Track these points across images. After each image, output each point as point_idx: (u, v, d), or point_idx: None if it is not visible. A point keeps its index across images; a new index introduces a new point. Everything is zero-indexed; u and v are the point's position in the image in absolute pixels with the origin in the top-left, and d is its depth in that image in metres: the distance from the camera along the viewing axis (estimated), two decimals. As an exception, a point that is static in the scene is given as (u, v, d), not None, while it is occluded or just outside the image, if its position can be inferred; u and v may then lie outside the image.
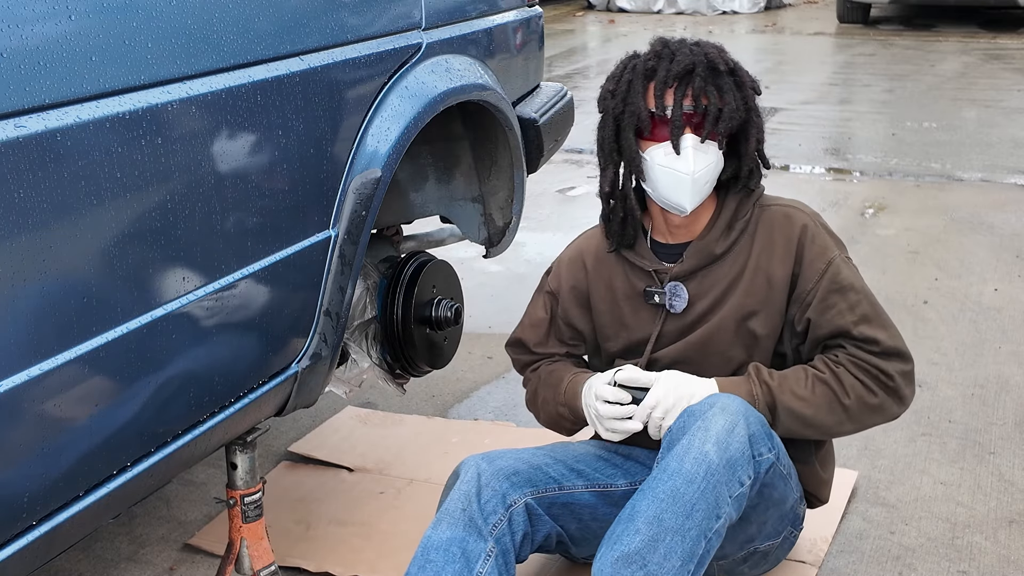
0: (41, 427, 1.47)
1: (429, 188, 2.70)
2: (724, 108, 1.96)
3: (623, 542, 1.76)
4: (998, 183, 5.39)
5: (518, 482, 1.99)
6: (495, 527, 1.92)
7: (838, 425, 2.01)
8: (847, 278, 2.03)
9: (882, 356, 2.01)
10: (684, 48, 2.00)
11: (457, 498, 1.94)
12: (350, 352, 2.40)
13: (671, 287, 2.07)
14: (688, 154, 1.96)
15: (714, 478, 1.78)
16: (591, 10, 13.40)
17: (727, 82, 1.98)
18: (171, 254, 1.64)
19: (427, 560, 1.87)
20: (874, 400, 1.99)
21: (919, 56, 9.35)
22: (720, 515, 1.80)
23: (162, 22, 1.58)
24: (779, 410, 1.98)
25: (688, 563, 1.76)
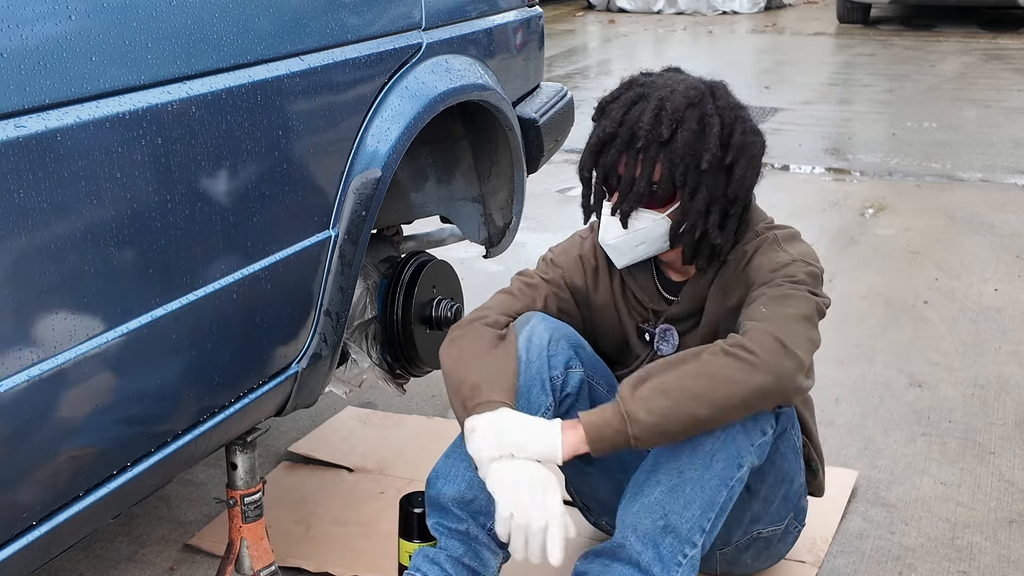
0: (41, 427, 1.47)
1: (429, 188, 2.70)
2: (636, 184, 1.87)
3: (644, 492, 1.81)
4: (998, 183, 5.39)
5: (583, 356, 2.00)
6: (553, 380, 1.93)
7: (702, 405, 1.77)
8: (787, 279, 1.89)
9: (753, 333, 1.80)
10: (622, 108, 1.89)
11: (528, 328, 1.95)
12: (350, 352, 2.40)
13: (661, 330, 2.06)
14: (604, 221, 1.95)
15: (734, 427, 1.80)
16: (591, 10, 13.39)
17: (649, 156, 1.85)
18: (171, 254, 1.64)
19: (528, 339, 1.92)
20: (729, 367, 1.76)
21: (919, 56, 9.35)
22: (742, 464, 1.82)
23: (162, 22, 1.58)
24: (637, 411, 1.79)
25: (708, 511, 1.80)
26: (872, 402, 3.06)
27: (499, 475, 1.75)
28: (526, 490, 1.73)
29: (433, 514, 1.92)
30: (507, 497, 1.74)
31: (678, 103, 1.87)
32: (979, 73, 8.50)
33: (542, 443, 1.76)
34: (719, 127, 1.87)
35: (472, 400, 1.82)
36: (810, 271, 1.91)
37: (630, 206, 1.89)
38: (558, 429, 1.77)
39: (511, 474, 1.75)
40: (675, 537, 1.79)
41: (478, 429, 1.79)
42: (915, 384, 3.17)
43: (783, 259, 1.92)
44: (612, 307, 2.10)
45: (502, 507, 1.75)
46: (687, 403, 1.75)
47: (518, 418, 1.80)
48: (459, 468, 1.89)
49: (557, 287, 2.09)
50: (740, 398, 1.76)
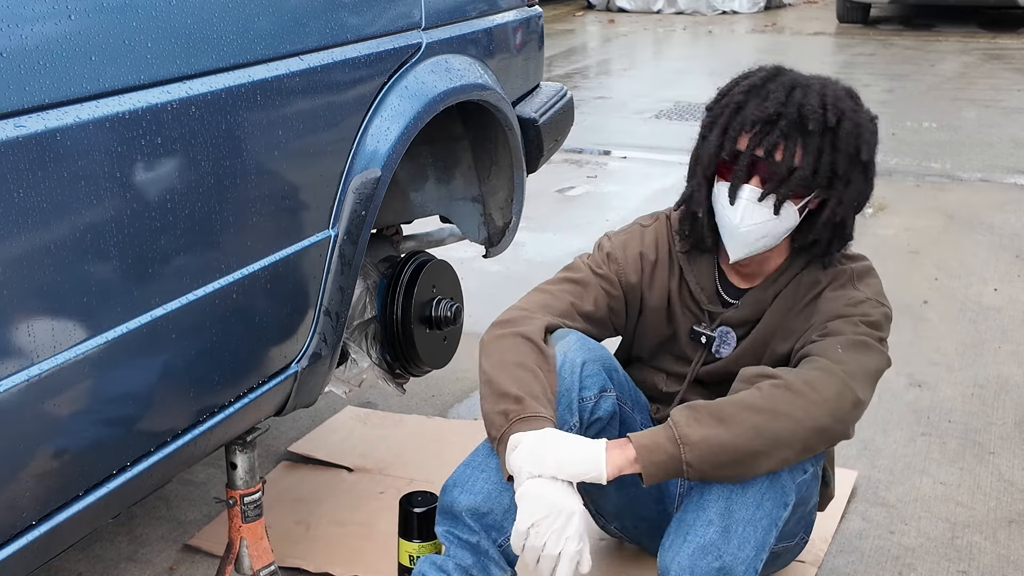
0: (41, 427, 1.47)
1: (429, 188, 2.70)
2: (798, 168, 1.81)
3: (697, 532, 1.75)
4: (998, 183, 5.39)
5: (616, 380, 1.96)
6: (583, 401, 1.88)
7: (758, 443, 1.74)
8: (860, 318, 1.88)
9: (825, 373, 1.78)
10: (780, 91, 1.84)
11: (564, 350, 1.89)
12: (350, 352, 2.40)
13: (721, 332, 2.01)
14: (740, 205, 1.85)
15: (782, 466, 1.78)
16: (591, 10, 13.39)
17: (814, 141, 1.80)
18: (171, 254, 1.64)
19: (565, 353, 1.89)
20: (793, 404, 1.74)
21: (919, 56, 9.35)
22: (787, 503, 1.81)
23: (162, 22, 1.58)
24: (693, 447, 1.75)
25: (760, 552, 1.77)
26: (872, 402, 3.05)
27: (530, 490, 1.72)
28: (549, 512, 1.70)
29: (444, 521, 1.87)
30: (529, 512, 1.71)
31: (839, 93, 1.86)
32: (979, 73, 8.50)
33: (587, 463, 1.73)
34: (870, 123, 1.88)
35: (516, 413, 1.77)
36: (883, 312, 1.92)
37: (787, 191, 1.82)
38: (603, 448, 1.74)
39: (540, 492, 1.71)
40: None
41: (523, 444, 1.74)
42: (915, 384, 3.17)
43: (858, 296, 1.91)
44: (666, 305, 2.06)
45: (521, 521, 1.72)
46: (744, 435, 1.72)
47: (563, 437, 1.75)
48: (478, 479, 1.84)
49: (609, 284, 2.04)
50: (799, 436, 1.74)
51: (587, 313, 2.01)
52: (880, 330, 1.88)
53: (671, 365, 2.10)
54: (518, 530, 1.72)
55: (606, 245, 2.09)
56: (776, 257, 1.97)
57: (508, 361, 1.85)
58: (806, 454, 1.78)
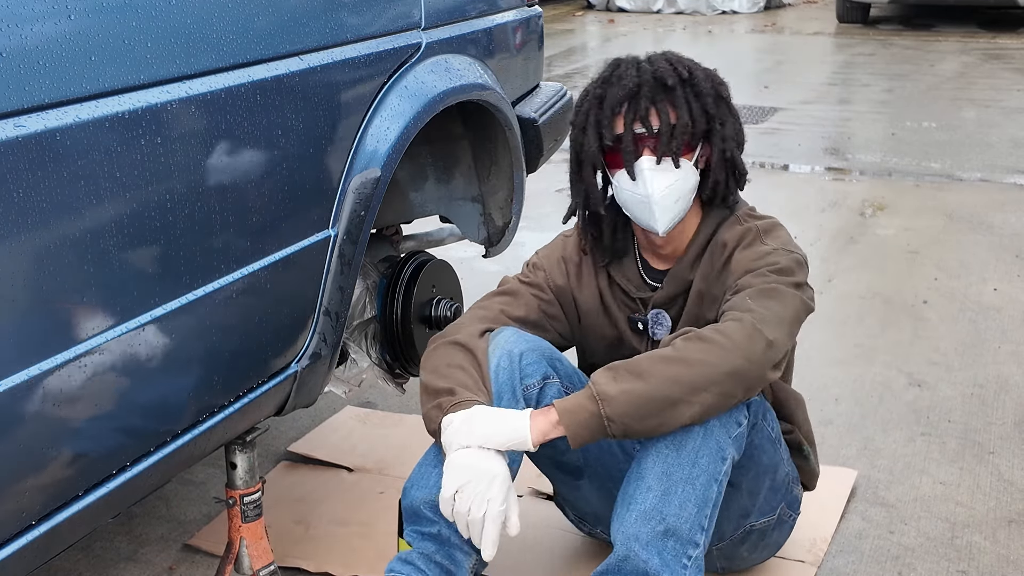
0: (41, 427, 1.47)
1: (429, 188, 2.70)
2: (677, 123, 1.92)
3: (637, 500, 1.81)
4: (998, 183, 5.39)
5: (560, 369, 2.00)
6: (527, 389, 1.94)
7: (676, 387, 1.77)
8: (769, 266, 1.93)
9: (733, 321, 1.83)
10: (631, 69, 1.95)
11: (500, 343, 1.95)
12: (349, 352, 2.40)
13: (653, 315, 2.07)
14: (644, 177, 1.93)
15: (711, 422, 1.82)
16: (591, 10, 13.39)
17: (679, 95, 1.93)
18: (170, 254, 1.64)
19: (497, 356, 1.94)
20: (703, 351, 1.78)
21: (918, 56, 9.35)
22: (725, 457, 1.83)
23: (162, 22, 1.58)
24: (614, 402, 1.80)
25: (703, 508, 1.81)
26: (871, 402, 3.06)
27: (454, 460, 1.80)
28: (472, 477, 1.77)
29: (408, 522, 1.93)
30: (451, 480, 1.79)
31: (679, 55, 2.00)
32: (978, 73, 8.50)
33: (511, 431, 1.79)
34: (714, 72, 2.01)
35: (448, 402, 1.85)
36: (793, 258, 1.95)
37: (677, 146, 1.92)
38: (527, 416, 1.81)
39: (464, 460, 1.79)
40: (677, 540, 1.79)
41: (453, 423, 1.82)
42: (914, 384, 3.17)
43: (765, 249, 1.96)
44: (599, 302, 2.12)
45: (446, 488, 1.79)
46: (660, 385, 1.77)
47: (490, 411, 1.84)
48: (431, 474, 1.90)
49: (539, 289, 2.11)
50: (713, 379, 1.77)
51: (519, 318, 2.07)
52: (791, 275, 1.92)
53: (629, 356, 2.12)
54: (443, 497, 1.80)
55: (532, 259, 2.19)
56: (688, 226, 2.03)
57: (440, 364, 1.93)
58: (726, 399, 1.80)
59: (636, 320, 2.09)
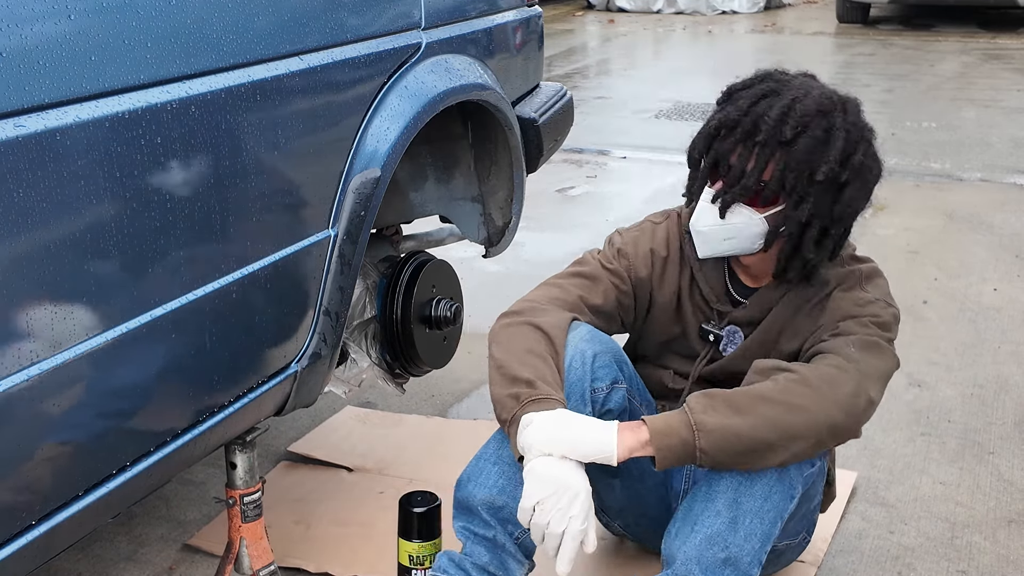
0: (41, 426, 1.47)
1: (429, 188, 2.70)
2: (745, 178, 1.83)
3: (704, 523, 1.77)
4: (998, 183, 5.39)
5: (627, 372, 1.97)
6: (595, 392, 1.89)
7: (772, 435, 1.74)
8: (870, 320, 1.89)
9: (841, 371, 1.80)
10: (751, 99, 1.86)
11: (575, 341, 1.90)
12: (349, 352, 2.40)
13: (729, 331, 2.03)
14: (697, 206, 1.91)
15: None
16: (591, 10, 13.39)
17: (766, 153, 1.81)
18: (170, 254, 1.64)
19: (575, 346, 1.89)
20: (807, 397, 1.75)
21: (918, 56, 9.35)
22: (794, 496, 1.82)
23: (162, 22, 1.58)
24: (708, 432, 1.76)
25: (765, 544, 1.79)
26: (871, 402, 3.06)
27: (537, 468, 1.73)
28: (556, 490, 1.72)
29: (460, 517, 1.87)
30: (534, 490, 1.73)
31: (808, 107, 1.83)
32: (978, 73, 8.50)
33: (597, 444, 1.74)
34: (843, 142, 1.83)
35: (528, 395, 1.78)
36: (892, 313, 1.94)
37: (732, 197, 1.85)
38: (615, 429, 1.75)
39: (548, 471, 1.72)
40: (735, 570, 1.76)
41: (535, 424, 1.74)
42: (914, 384, 3.17)
43: (867, 297, 1.93)
44: (675, 302, 2.07)
45: (527, 498, 1.73)
46: (759, 426, 1.73)
47: (575, 419, 1.76)
48: (491, 471, 1.85)
49: (619, 278, 2.04)
50: (813, 430, 1.75)
51: (596, 307, 2.01)
52: (889, 331, 1.91)
53: (677, 362, 2.11)
54: (523, 507, 1.74)
55: (617, 241, 2.10)
56: (767, 258, 1.96)
57: (519, 348, 1.86)
58: (817, 448, 1.79)
59: (709, 332, 2.04)
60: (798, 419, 1.74)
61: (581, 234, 4.58)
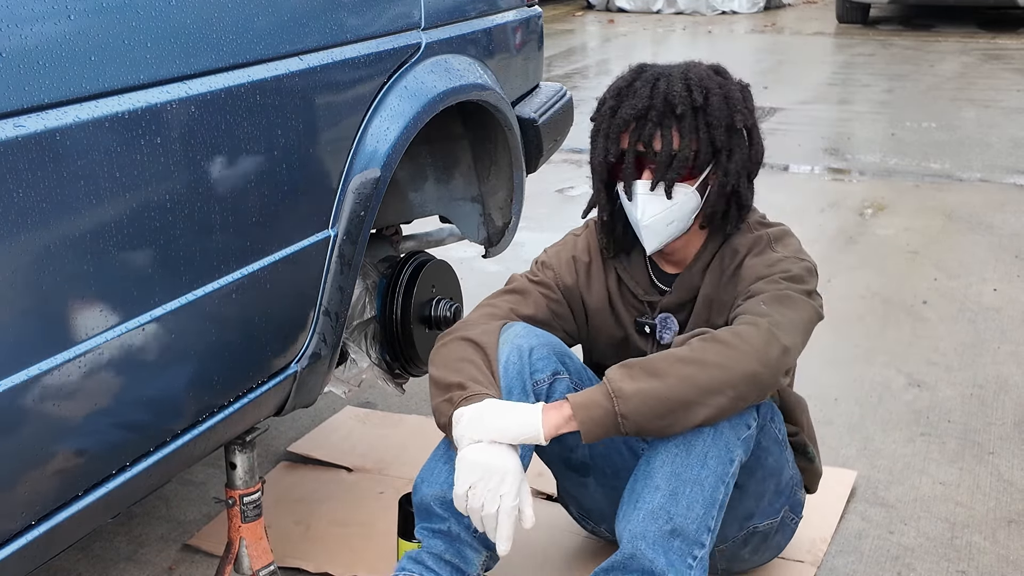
0: (41, 427, 1.47)
1: (428, 188, 2.70)
2: (679, 152, 1.90)
3: (645, 499, 1.81)
4: (997, 183, 5.39)
5: (570, 366, 2.00)
6: (536, 384, 1.94)
7: (691, 388, 1.77)
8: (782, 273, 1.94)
9: (749, 325, 1.83)
10: (646, 87, 1.93)
11: (511, 338, 1.95)
12: (349, 352, 2.40)
13: (661, 319, 2.07)
14: (637, 201, 1.94)
15: (721, 424, 1.81)
16: (591, 10, 13.40)
17: (686, 123, 1.90)
18: (170, 254, 1.64)
19: (506, 349, 1.94)
20: (720, 353, 1.78)
21: (918, 56, 9.35)
22: (733, 459, 1.84)
23: (162, 22, 1.58)
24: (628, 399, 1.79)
25: (711, 509, 1.81)
26: (871, 402, 3.06)
27: (467, 455, 1.79)
28: (484, 473, 1.77)
29: (419, 519, 1.93)
30: (465, 476, 1.78)
31: (700, 72, 1.96)
32: (978, 73, 8.50)
33: (523, 424, 1.79)
34: (739, 91, 1.98)
35: (459, 396, 1.85)
36: (804, 266, 1.96)
37: (672, 177, 1.92)
38: (539, 409, 1.80)
39: (476, 456, 1.78)
40: (683, 540, 1.79)
41: (464, 417, 1.81)
42: (914, 384, 3.17)
43: (776, 257, 1.97)
44: (607, 304, 2.12)
45: (459, 485, 1.79)
46: (676, 385, 1.76)
47: (502, 405, 1.83)
48: (440, 469, 1.91)
49: (547, 288, 2.10)
50: (728, 382, 1.77)
51: (528, 316, 2.07)
52: (803, 283, 1.93)
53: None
54: (457, 493, 1.80)
55: (541, 256, 2.18)
56: (693, 238, 2.03)
57: (451, 359, 1.92)
58: (739, 402, 1.80)
59: (643, 324, 2.09)
60: (713, 374, 1.77)
61: (581, 234, 4.57)
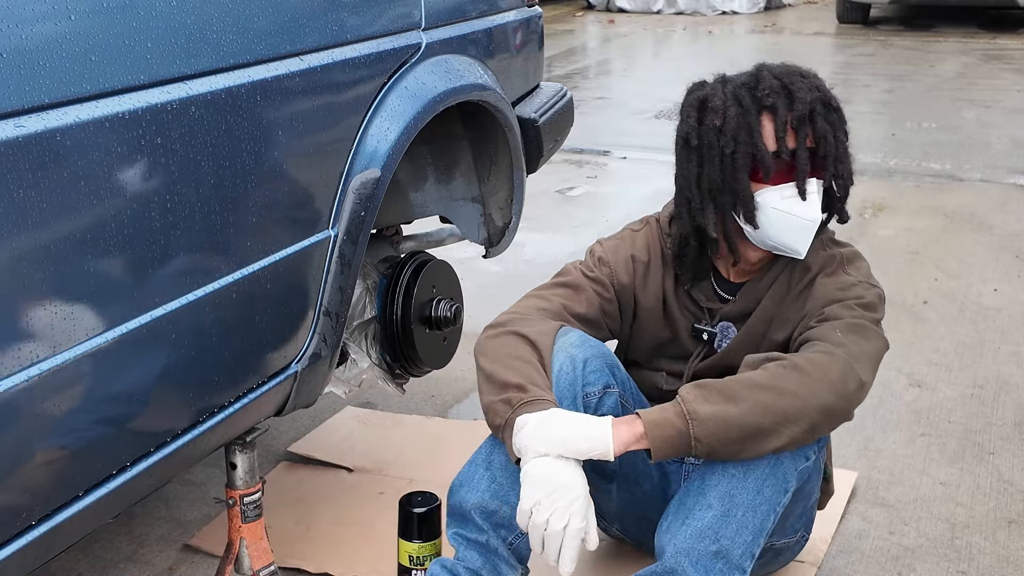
0: (41, 427, 1.47)
1: (429, 188, 2.70)
2: (840, 149, 1.90)
3: (695, 516, 1.78)
4: (998, 183, 5.39)
5: (619, 377, 1.97)
6: (587, 397, 1.89)
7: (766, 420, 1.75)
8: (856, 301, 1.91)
9: (828, 355, 1.80)
10: (798, 82, 1.89)
11: (565, 346, 1.90)
12: (349, 352, 2.40)
13: (722, 327, 2.04)
14: (813, 199, 1.89)
15: (783, 453, 1.79)
16: (591, 10, 13.39)
17: (838, 120, 1.90)
18: (170, 254, 1.64)
19: (564, 360, 1.89)
20: (799, 382, 1.75)
21: (919, 56, 9.35)
22: (787, 489, 1.82)
23: (162, 22, 1.58)
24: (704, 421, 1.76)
25: (758, 537, 1.79)
26: (871, 402, 3.05)
27: (534, 469, 1.73)
28: (554, 490, 1.71)
29: (453, 523, 1.87)
30: (532, 491, 1.72)
31: (809, 73, 1.95)
32: (979, 73, 8.50)
33: (592, 439, 1.73)
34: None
35: (520, 398, 1.78)
36: (876, 293, 1.94)
37: (844, 167, 1.91)
38: (609, 424, 1.75)
39: (545, 471, 1.72)
40: (726, 563, 1.76)
41: (529, 425, 1.74)
42: (914, 384, 3.17)
43: (850, 280, 1.94)
44: (661, 305, 2.07)
45: (525, 500, 1.73)
46: (752, 412, 1.73)
47: (569, 416, 1.76)
48: (483, 476, 1.85)
49: (601, 286, 2.05)
50: (804, 413, 1.75)
51: (579, 315, 2.02)
52: (875, 311, 1.92)
53: (669, 364, 2.11)
54: (522, 509, 1.73)
55: (597, 250, 2.11)
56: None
57: (506, 355, 1.86)
58: (811, 434, 1.79)
59: (702, 331, 2.05)
60: (790, 403, 1.74)
61: (581, 234, 4.58)
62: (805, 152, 1.88)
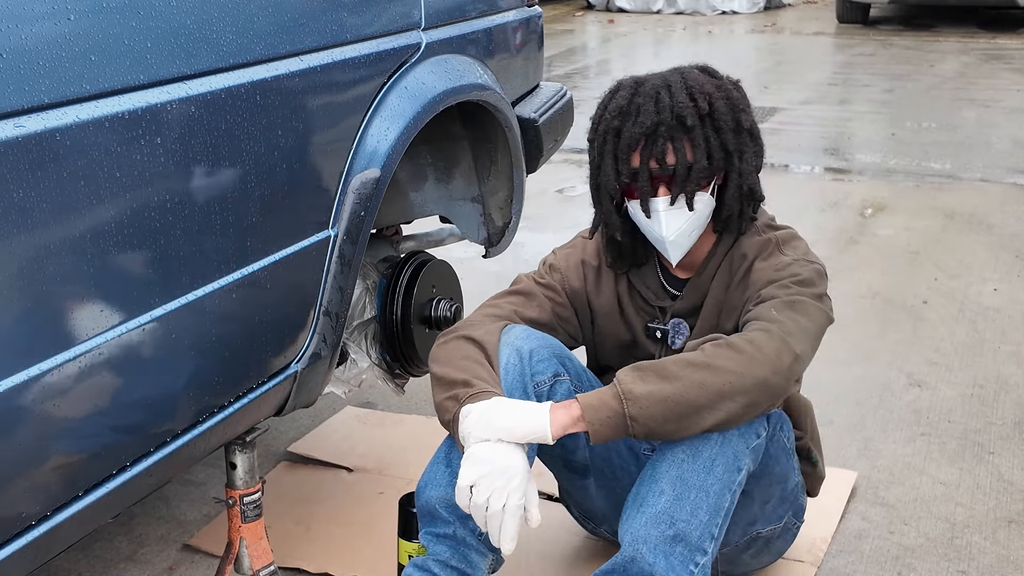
0: (41, 427, 1.47)
1: (428, 188, 2.70)
2: (694, 164, 1.90)
3: (649, 503, 1.80)
4: (998, 183, 5.39)
5: (571, 368, 2.00)
6: (537, 386, 1.93)
7: (703, 395, 1.76)
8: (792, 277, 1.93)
9: (761, 331, 1.82)
10: (650, 102, 1.90)
11: (511, 340, 1.94)
12: (349, 352, 2.40)
13: (674, 324, 2.06)
14: (659, 218, 1.93)
15: (730, 432, 1.81)
16: (591, 10, 13.40)
17: (698, 134, 1.90)
18: (170, 254, 1.64)
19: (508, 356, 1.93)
20: (732, 359, 1.77)
21: (918, 56, 9.35)
22: (740, 467, 1.83)
23: (162, 22, 1.58)
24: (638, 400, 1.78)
25: (715, 516, 1.80)
26: (871, 402, 3.06)
27: (474, 452, 1.77)
28: (491, 471, 1.75)
29: (423, 524, 1.91)
30: (470, 472, 1.76)
31: (696, 79, 1.94)
32: (978, 73, 8.50)
33: (531, 424, 1.78)
34: (736, 91, 1.97)
35: (465, 393, 1.83)
36: (813, 269, 1.95)
37: (693, 188, 1.91)
38: (547, 409, 1.79)
39: (484, 454, 1.77)
40: (685, 546, 1.77)
41: (472, 414, 1.80)
42: (914, 384, 3.17)
43: (785, 260, 1.96)
44: (616, 307, 2.10)
45: (462, 479, 1.77)
46: (687, 389, 1.75)
47: (510, 403, 1.81)
48: (444, 472, 1.89)
49: (553, 291, 2.10)
50: (739, 388, 1.76)
51: (531, 319, 2.06)
52: (813, 287, 1.92)
53: None
54: (460, 487, 1.78)
55: (549, 259, 2.17)
56: (705, 242, 2.02)
57: (454, 357, 1.91)
58: (750, 409, 1.79)
59: (655, 329, 2.08)
60: (724, 379, 1.76)
61: (581, 234, 4.57)
62: (646, 172, 1.91)
